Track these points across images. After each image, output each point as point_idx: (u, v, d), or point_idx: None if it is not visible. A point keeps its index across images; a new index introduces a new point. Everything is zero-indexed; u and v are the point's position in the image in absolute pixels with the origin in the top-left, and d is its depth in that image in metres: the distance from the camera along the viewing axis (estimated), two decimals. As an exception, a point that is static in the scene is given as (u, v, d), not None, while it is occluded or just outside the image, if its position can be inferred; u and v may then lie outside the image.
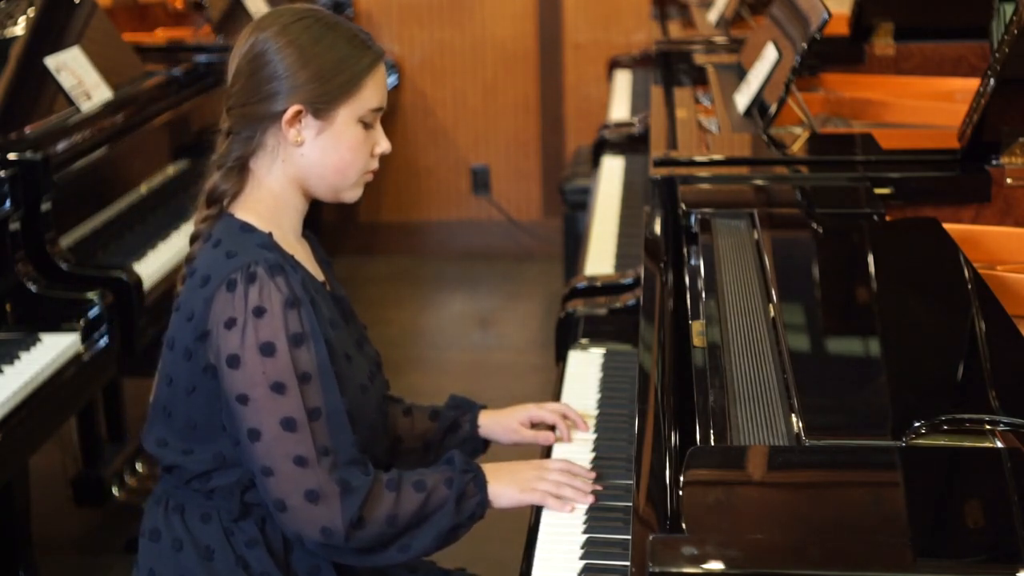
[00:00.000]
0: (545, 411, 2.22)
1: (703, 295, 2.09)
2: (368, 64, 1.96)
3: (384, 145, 2.01)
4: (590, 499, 1.97)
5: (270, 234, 1.94)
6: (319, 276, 2.03)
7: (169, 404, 1.97)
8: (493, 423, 2.21)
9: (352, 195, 2.01)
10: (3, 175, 2.88)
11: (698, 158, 2.76)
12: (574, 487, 1.97)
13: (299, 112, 1.93)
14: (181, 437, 1.96)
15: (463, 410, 2.23)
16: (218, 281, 1.87)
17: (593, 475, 2.01)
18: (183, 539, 1.97)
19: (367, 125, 1.97)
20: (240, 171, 1.97)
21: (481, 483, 1.95)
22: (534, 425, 2.22)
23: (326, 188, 2.00)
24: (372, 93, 1.96)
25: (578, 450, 2.14)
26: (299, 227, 2.03)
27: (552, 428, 2.22)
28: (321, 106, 1.93)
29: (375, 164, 2.01)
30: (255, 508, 1.96)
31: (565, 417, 2.22)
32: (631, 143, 4.05)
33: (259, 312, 1.84)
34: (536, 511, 1.98)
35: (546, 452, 2.17)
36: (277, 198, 1.98)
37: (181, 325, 1.93)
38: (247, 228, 1.94)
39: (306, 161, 1.96)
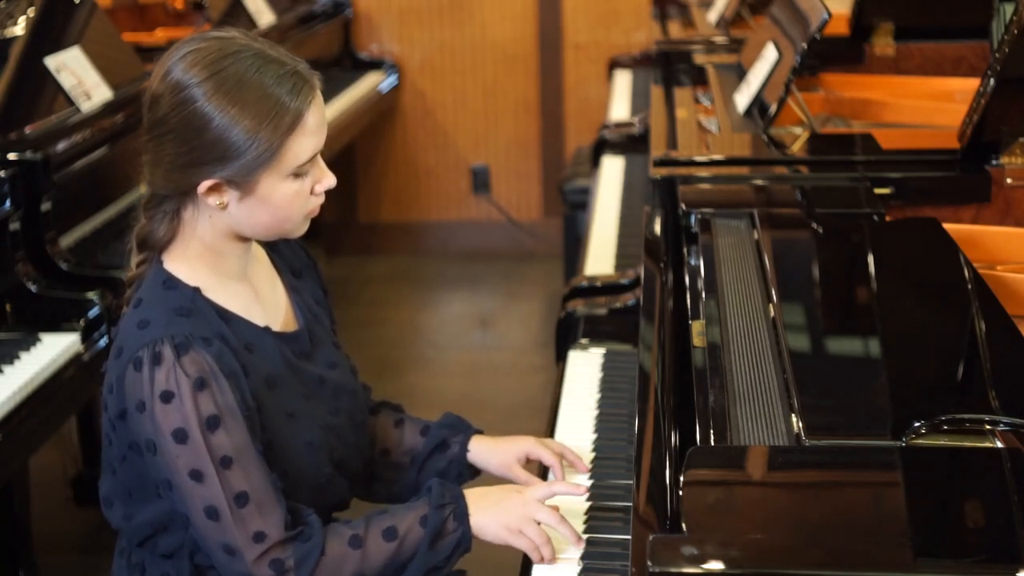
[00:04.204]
0: (543, 449, 2.06)
1: (703, 295, 2.09)
2: (289, 123, 1.77)
3: (327, 181, 1.85)
4: (580, 546, 1.85)
5: (196, 289, 1.84)
6: (262, 320, 1.90)
7: (112, 463, 1.89)
8: (487, 452, 2.08)
9: (297, 233, 1.89)
10: (3, 175, 2.88)
11: (698, 158, 2.76)
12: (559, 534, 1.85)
13: (216, 184, 1.79)
14: (122, 501, 1.89)
15: (455, 431, 2.10)
16: (127, 356, 1.78)
17: (575, 535, 1.86)
18: None
19: (300, 174, 1.82)
20: (173, 217, 1.85)
21: (461, 515, 1.83)
22: (529, 461, 2.09)
23: (263, 235, 1.88)
24: (299, 150, 1.79)
25: (578, 450, 2.13)
26: (242, 267, 1.91)
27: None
28: (237, 180, 1.79)
29: (319, 200, 1.86)
30: (209, 570, 1.87)
31: (562, 457, 2.06)
32: (631, 143, 4.04)
33: (166, 397, 1.75)
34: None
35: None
36: (211, 249, 1.86)
37: (106, 394, 1.84)
38: (170, 284, 1.84)
39: (234, 219, 1.83)
